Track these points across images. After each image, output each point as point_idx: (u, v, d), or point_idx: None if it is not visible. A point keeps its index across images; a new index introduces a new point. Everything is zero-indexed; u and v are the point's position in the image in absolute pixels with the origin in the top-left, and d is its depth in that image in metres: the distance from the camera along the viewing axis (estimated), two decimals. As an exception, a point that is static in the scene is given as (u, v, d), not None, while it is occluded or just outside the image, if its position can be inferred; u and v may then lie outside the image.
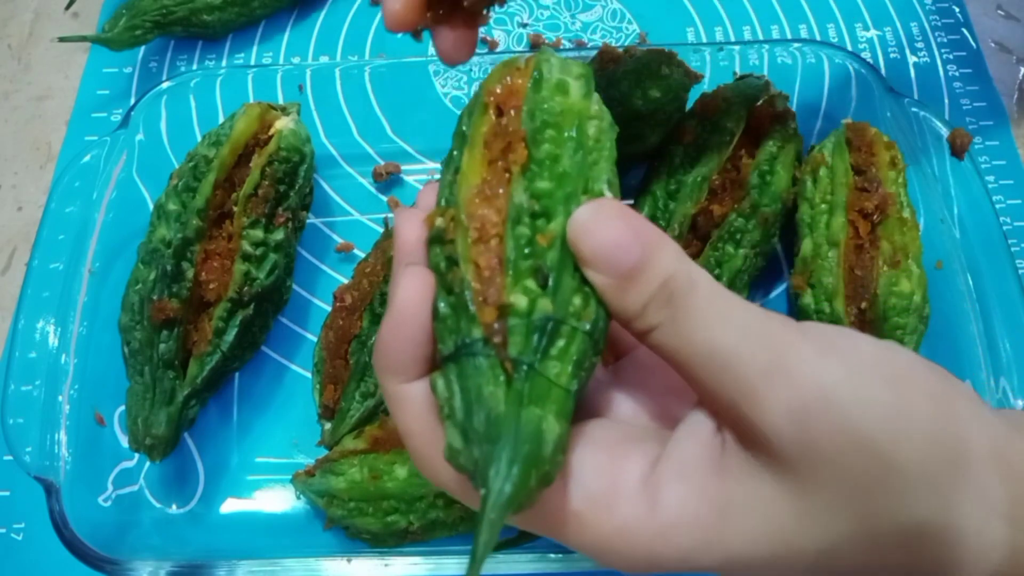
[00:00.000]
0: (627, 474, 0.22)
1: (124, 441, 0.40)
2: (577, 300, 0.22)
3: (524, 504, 0.20)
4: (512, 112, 0.24)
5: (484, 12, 0.30)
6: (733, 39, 0.56)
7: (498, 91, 0.24)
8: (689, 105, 0.45)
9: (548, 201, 0.22)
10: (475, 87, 0.26)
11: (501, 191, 0.23)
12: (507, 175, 0.23)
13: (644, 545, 0.21)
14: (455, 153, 0.24)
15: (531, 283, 0.22)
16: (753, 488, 0.21)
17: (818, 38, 0.56)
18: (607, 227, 0.22)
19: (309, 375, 0.43)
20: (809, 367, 0.20)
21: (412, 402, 0.23)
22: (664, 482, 0.21)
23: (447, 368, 0.22)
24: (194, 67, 0.55)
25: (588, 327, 0.22)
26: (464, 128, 0.24)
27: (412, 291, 0.23)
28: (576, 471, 0.22)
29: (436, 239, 0.23)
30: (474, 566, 0.19)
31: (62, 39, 0.51)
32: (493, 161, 0.23)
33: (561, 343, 0.21)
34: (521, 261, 0.22)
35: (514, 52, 0.53)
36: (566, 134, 0.23)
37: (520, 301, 0.21)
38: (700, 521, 0.21)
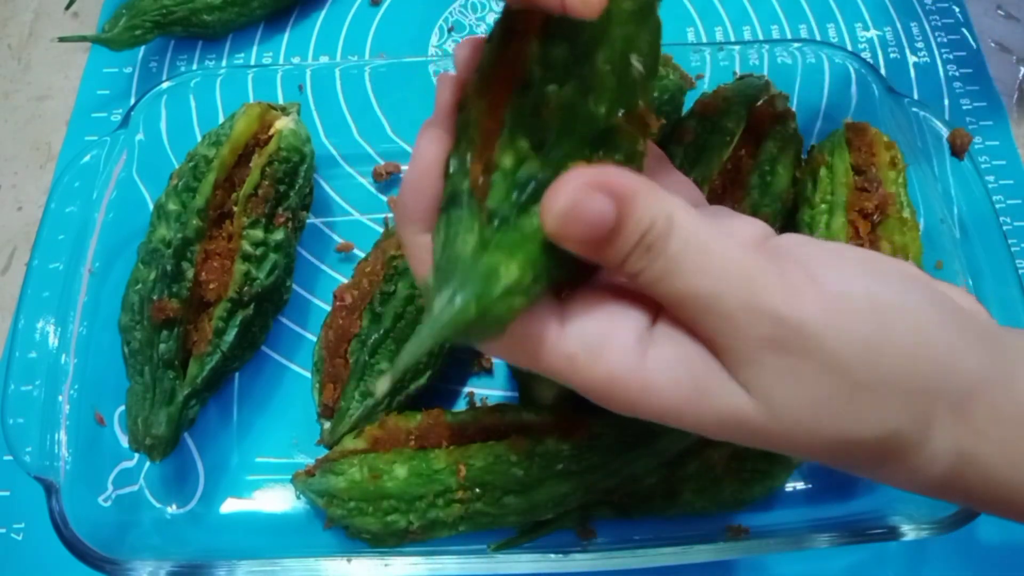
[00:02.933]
0: (624, 327, 0.23)
1: (124, 441, 0.40)
2: (572, 166, 0.22)
3: (462, 334, 0.22)
4: None
5: None
6: (733, 39, 0.56)
7: None
8: (688, 105, 0.45)
9: (561, 69, 0.22)
10: None
11: (520, 60, 0.23)
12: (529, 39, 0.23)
13: (628, 394, 0.23)
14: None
15: (524, 143, 0.22)
16: (728, 385, 0.22)
17: (818, 38, 0.56)
18: (582, 206, 0.21)
19: (309, 375, 0.43)
20: (785, 305, 0.22)
21: (422, 248, 0.24)
22: (656, 343, 0.23)
23: (440, 217, 0.23)
24: (194, 67, 0.55)
25: None
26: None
27: (427, 150, 0.24)
28: (577, 314, 0.23)
29: (462, 105, 0.24)
30: (393, 371, 0.21)
31: (62, 39, 0.51)
32: (512, 37, 0.23)
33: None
34: (519, 123, 0.22)
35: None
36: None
37: (507, 159, 0.22)
38: (679, 391, 0.23)
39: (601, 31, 0.22)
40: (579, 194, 0.21)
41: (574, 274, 0.24)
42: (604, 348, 0.23)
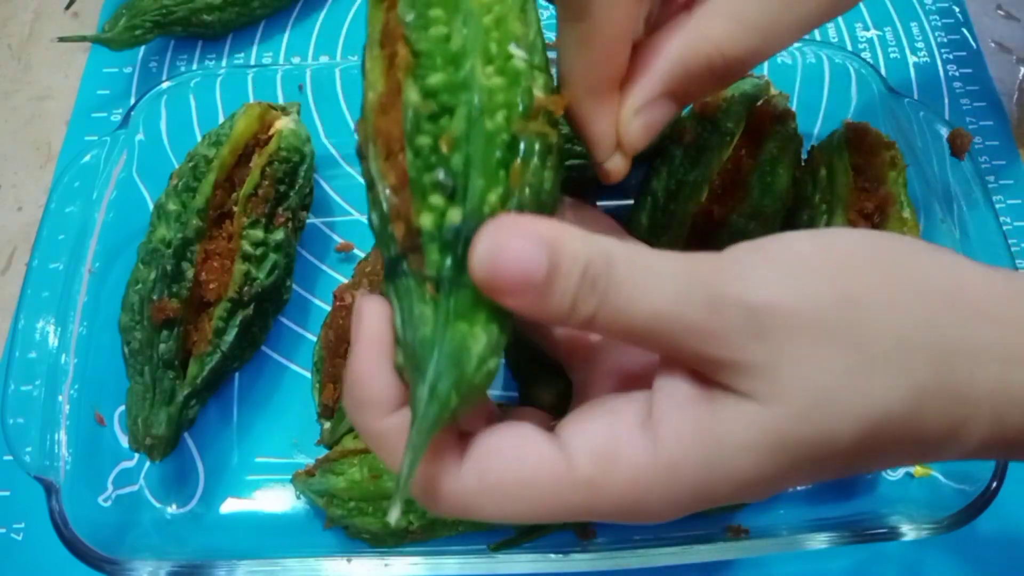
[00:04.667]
0: (624, 425, 0.22)
1: (124, 441, 0.40)
2: (494, 196, 0.21)
3: (449, 421, 0.21)
4: (389, 4, 0.22)
5: None
6: (733, 39, 0.56)
7: None
8: (688, 105, 0.45)
9: (445, 95, 0.21)
10: None
11: (397, 100, 0.22)
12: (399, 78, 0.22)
13: (657, 488, 0.21)
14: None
15: (437, 198, 0.21)
16: (741, 411, 0.21)
17: (818, 38, 0.56)
18: (506, 256, 0.20)
19: (309, 375, 0.43)
20: (747, 288, 0.21)
21: (393, 434, 0.22)
22: (660, 421, 0.21)
23: (387, 286, 0.22)
24: (194, 67, 0.55)
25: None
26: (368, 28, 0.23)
27: (370, 323, 0.22)
28: (572, 443, 0.22)
29: (359, 154, 0.23)
30: (402, 486, 0.20)
31: (62, 39, 0.51)
32: (389, 65, 0.22)
33: None
34: (425, 176, 0.21)
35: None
36: (453, 6, 0.21)
37: (427, 221, 0.21)
38: (702, 449, 0.21)
39: (468, 29, 0.21)
40: (501, 238, 0.20)
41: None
42: (617, 455, 0.21)
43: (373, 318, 0.22)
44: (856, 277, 0.21)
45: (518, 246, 0.20)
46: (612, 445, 0.21)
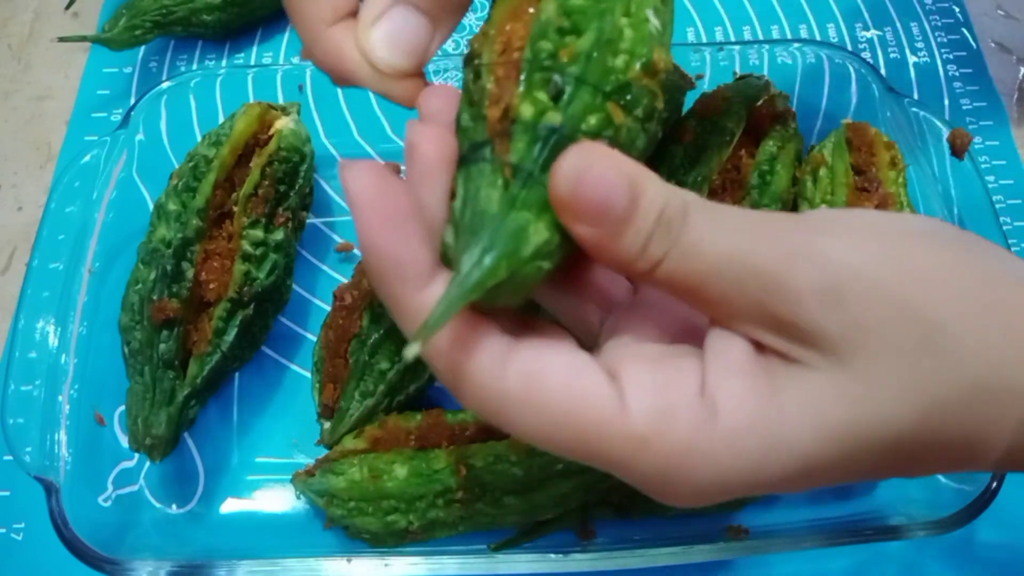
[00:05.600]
0: (681, 386, 0.20)
1: (124, 441, 0.40)
2: (593, 120, 0.21)
3: (491, 295, 0.20)
4: None
5: None
6: (733, 39, 0.56)
7: None
8: (688, 105, 0.45)
9: (580, 17, 0.22)
10: None
11: (531, 10, 0.22)
12: None
13: (711, 458, 0.20)
14: None
15: (543, 95, 0.21)
16: (803, 385, 0.20)
17: (818, 38, 0.56)
18: (591, 179, 0.20)
19: (309, 375, 0.43)
20: (831, 247, 0.20)
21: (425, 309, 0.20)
22: (719, 388, 0.20)
23: (459, 173, 0.22)
24: (194, 67, 0.55)
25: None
26: None
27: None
28: (629, 391, 0.20)
29: (468, 59, 0.23)
30: (424, 329, 0.19)
31: (62, 39, 0.51)
32: None
33: None
34: (536, 73, 0.22)
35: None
36: None
37: (527, 111, 0.21)
38: (763, 422, 0.20)
39: None
40: (591, 159, 0.20)
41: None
42: (673, 416, 0.20)
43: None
44: (938, 261, 0.20)
45: (604, 173, 0.20)
46: (670, 406, 0.20)
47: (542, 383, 0.20)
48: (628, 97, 0.22)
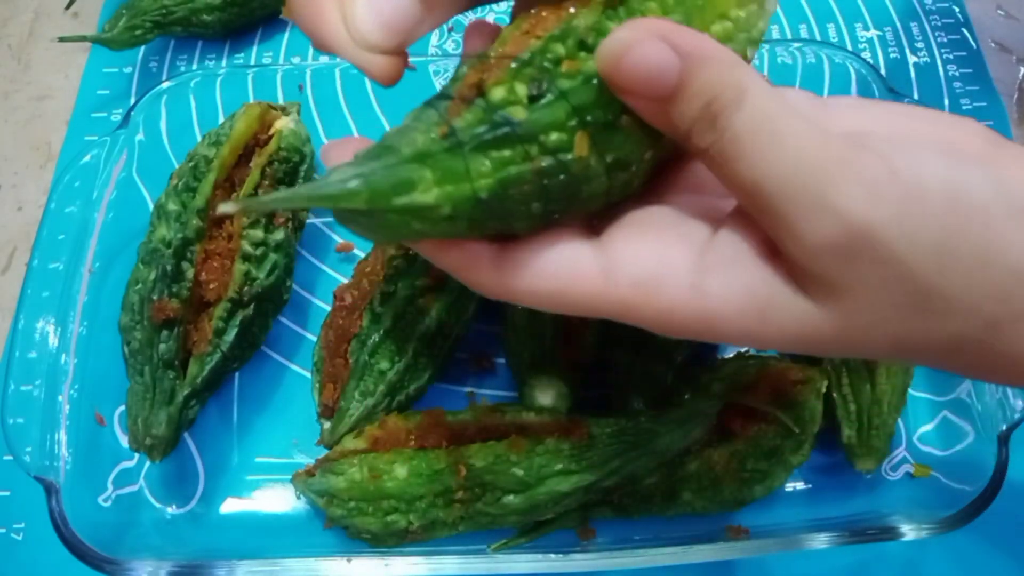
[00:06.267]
0: (674, 259, 0.22)
1: (124, 441, 0.40)
2: (553, 136, 0.21)
3: (343, 216, 0.21)
4: None
5: None
6: (733, 39, 0.56)
7: None
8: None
9: (593, 37, 0.22)
10: None
11: (573, 10, 0.22)
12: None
13: (686, 325, 0.22)
14: None
15: (522, 88, 0.21)
16: (793, 299, 0.21)
17: (818, 38, 0.56)
18: (642, 49, 0.19)
19: (309, 375, 0.43)
20: (857, 204, 0.20)
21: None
22: (712, 271, 0.22)
23: (418, 107, 0.22)
24: (194, 67, 0.55)
25: (546, 165, 0.21)
26: None
27: None
28: (622, 257, 0.22)
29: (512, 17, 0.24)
30: (254, 203, 0.19)
31: (62, 39, 0.51)
32: None
33: (506, 153, 0.21)
34: (529, 67, 0.21)
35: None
36: None
37: (497, 93, 0.21)
38: (743, 318, 0.21)
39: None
40: (640, 35, 0.19)
41: (508, 231, 0.23)
42: (659, 286, 0.22)
43: None
44: (962, 242, 0.20)
45: (655, 48, 0.20)
46: (657, 275, 0.22)
47: (533, 270, 0.23)
48: (605, 137, 0.22)
